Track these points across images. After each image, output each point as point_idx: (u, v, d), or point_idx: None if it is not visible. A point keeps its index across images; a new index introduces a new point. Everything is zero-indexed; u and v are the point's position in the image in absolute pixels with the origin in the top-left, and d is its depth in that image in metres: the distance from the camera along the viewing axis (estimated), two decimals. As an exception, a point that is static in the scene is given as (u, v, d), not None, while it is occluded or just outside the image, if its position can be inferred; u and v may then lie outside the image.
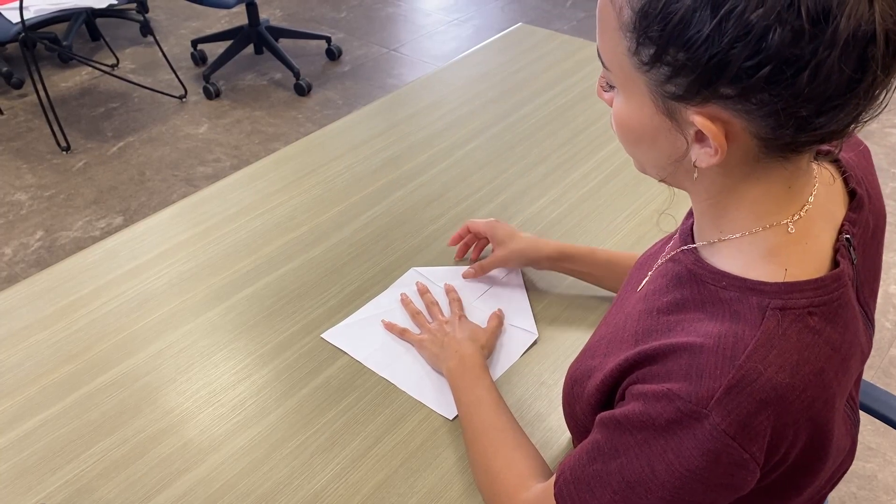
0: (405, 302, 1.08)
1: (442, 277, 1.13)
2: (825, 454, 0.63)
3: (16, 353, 1.02)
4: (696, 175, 0.59)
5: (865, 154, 0.74)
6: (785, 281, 0.59)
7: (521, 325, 1.05)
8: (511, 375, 0.98)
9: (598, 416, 0.65)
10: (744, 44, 0.48)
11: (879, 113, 0.54)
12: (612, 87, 0.62)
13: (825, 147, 0.60)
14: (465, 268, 1.13)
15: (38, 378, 0.99)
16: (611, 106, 0.63)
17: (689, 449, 0.57)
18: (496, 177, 1.35)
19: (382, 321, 1.05)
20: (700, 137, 0.56)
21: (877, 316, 2.10)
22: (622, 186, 1.31)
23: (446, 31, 3.79)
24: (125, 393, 0.97)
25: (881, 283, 2.21)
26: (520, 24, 1.88)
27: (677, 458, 0.57)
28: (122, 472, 0.87)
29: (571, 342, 1.03)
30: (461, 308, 1.05)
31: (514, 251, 1.09)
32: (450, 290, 1.09)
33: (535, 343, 1.03)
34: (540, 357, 1.01)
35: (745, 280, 0.60)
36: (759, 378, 0.55)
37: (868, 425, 1.83)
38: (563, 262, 1.07)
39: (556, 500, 0.67)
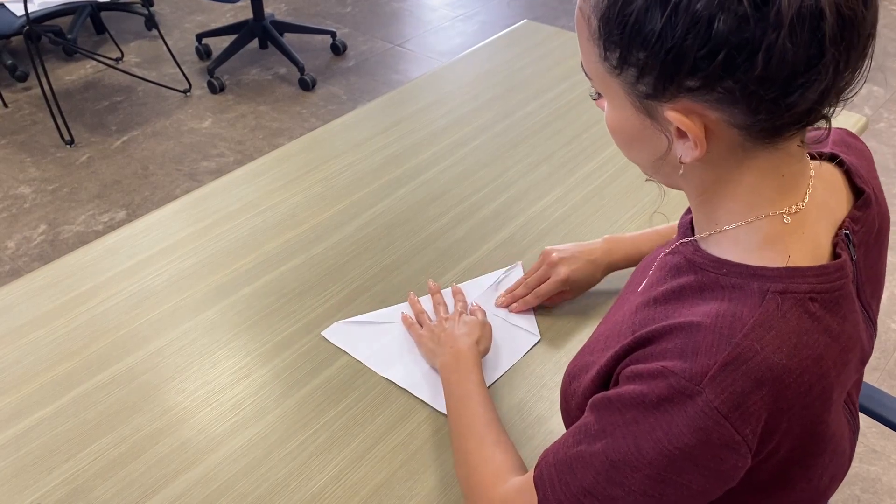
0: (412, 301, 1.07)
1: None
2: (820, 449, 0.62)
3: (14, 350, 1.02)
4: (682, 171, 0.60)
5: (868, 157, 0.73)
6: (787, 266, 0.59)
7: (523, 326, 1.04)
8: (512, 377, 0.97)
9: (591, 399, 0.64)
10: (694, 34, 0.50)
11: (857, 90, 0.55)
12: (600, 95, 0.64)
13: (815, 136, 0.60)
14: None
15: (36, 375, 0.98)
16: None
17: (679, 426, 0.56)
18: (499, 175, 1.34)
19: (402, 313, 1.05)
20: (681, 133, 0.57)
21: (882, 318, 2.09)
22: (626, 185, 1.30)
23: (452, 27, 3.77)
24: (123, 391, 0.96)
25: (886, 284, 2.19)
26: (525, 20, 1.87)
27: (666, 435, 0.56)
28: (119, 471, 0.87)
29: (574, 344, 1.02)
30: (465, 307, 1.04)
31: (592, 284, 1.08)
32: (456, 293, 1.08)
33: (536, 344, 1.02)
34: (542, 359, 1.00)
35: (746, 266, 0.60)
36: (755, 356, 0.55)
37: (872, 427, 1.82)
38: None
39: (535, 483, 0.66)
